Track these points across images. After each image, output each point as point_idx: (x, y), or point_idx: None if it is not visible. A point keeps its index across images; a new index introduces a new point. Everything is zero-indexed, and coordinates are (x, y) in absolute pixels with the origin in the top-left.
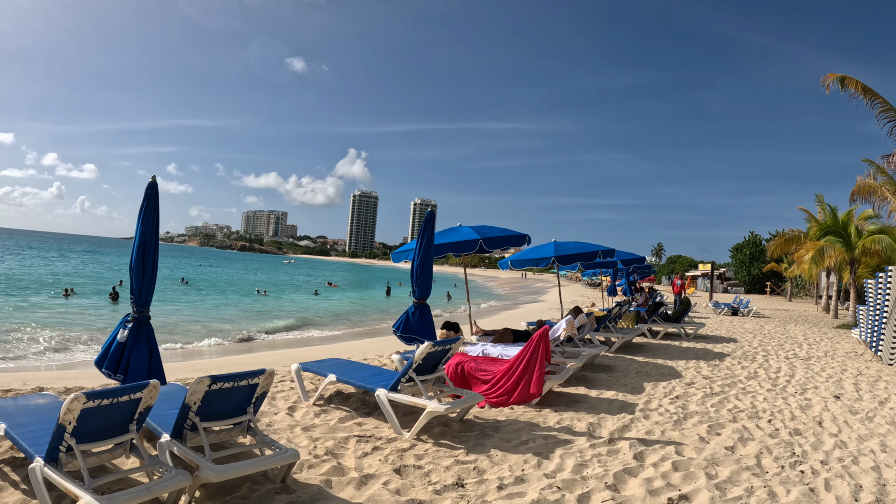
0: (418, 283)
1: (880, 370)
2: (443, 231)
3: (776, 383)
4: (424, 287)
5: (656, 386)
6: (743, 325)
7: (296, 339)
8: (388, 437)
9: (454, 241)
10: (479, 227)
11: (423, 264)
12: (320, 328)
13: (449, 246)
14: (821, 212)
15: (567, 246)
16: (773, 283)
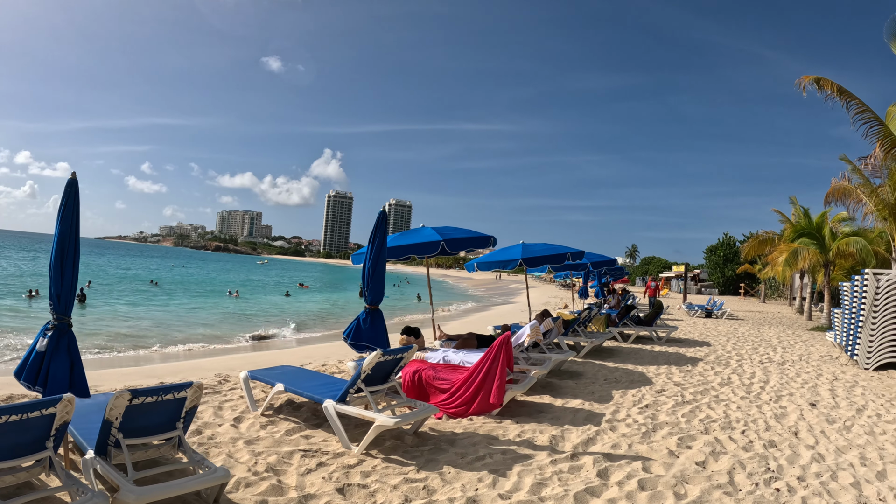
0: (370, 287)
1: (856, 375)
2: (405, 232)
3: (750, 390)
4: (376, 292)
5: (625, 394)
6: (716, 327)
7: (257, 343)
8: (335, 451)
9: (416, 242)
10: (442, 228)
11: (375, 268)
12: (286, 331)
13: (410, 247)
14: (795, 214)
15: (535, 248)
16: (746, 285)
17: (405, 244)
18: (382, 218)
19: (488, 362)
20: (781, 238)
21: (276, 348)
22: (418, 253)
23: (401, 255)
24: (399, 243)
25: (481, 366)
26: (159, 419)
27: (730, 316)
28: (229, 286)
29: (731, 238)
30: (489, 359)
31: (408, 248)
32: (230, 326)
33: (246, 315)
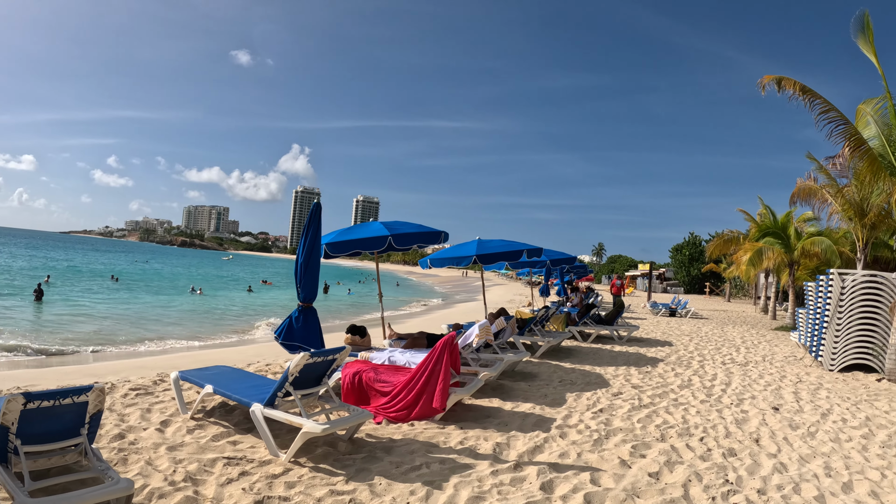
0: (303, 283)
1: (821, 376)
2: (352, 227)
3: (711, 393)
4: (309, 288)
5: (580, 397)
6: (680, 326)
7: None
8: (261, 459)
9: (362, 237)
10: (391, 223)
11: (309, 263)
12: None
13: (356, 243)
14: (760, 213)
15: (490, 244)
16: (712, 284)
17: (351, 239)
18: (316, 210)
19: (431, 364)
20: (746, 237)
21: (227, 346)
22: (364, 248)
23: (347, 250)
24: (345, 238)
25: (424, 368)
26: (61, 425)
27: (694, 315)
28: (193, 282)
29: (696, 237)
30: (432, 360)
31: (353, 243)
32: (189, 324)
33: (207, 312)
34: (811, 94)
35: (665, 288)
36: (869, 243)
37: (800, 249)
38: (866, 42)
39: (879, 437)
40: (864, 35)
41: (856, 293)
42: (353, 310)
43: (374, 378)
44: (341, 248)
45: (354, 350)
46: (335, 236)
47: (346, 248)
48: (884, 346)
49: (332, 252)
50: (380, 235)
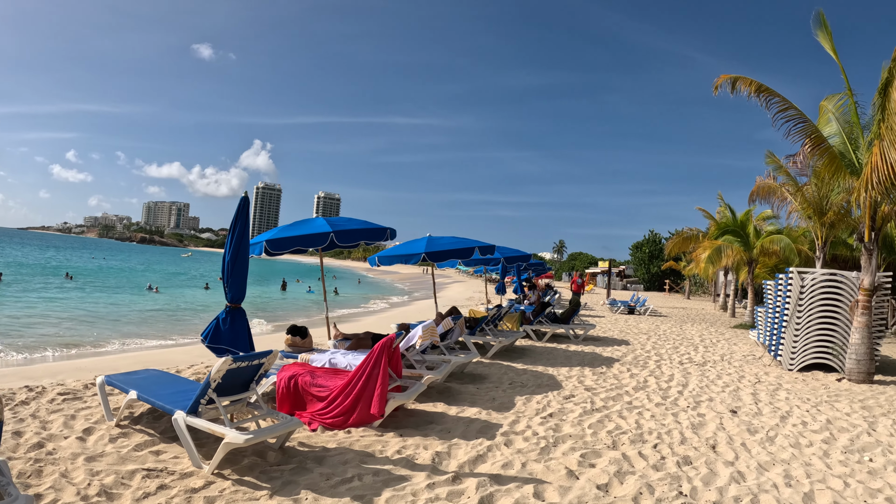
0: (230, 282)
1: (780, 376)
2: (294, 223)
3: (667, 395)
4: (237, 288)
5: (529, 400)
6: (638, 324)
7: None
8: (183, 471)
9: (304, 234)
10: (335, 219)
11: (236, 261)
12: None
13: (298, 239)
14: (719, 211)
15: (441, 241)
16: (671, 281)
17: (292, 236)
18: (244, 204)
19: (368, 368)
20: (706, 236)
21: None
22: (306, 245)
23: (288, 247)
24: (286, 235)
25: (361, 372)
26: None
27: (653, 312)
28: (150, 280)
29: (656, 235)
30: (369, 364)
31: (295, 240)
32: (141, 323)
33: (161, 310)
34: (768, 92)
35: (625, 285)
36: (828, 242)
37: (759, 247)
38: (826, 37)
39: (841, 442)
40: (824, 31)
41: (815, 292)
42: (318, 308)
43: (311, 382)
44: (282, 245)
45: (295, 351)
46: (276, 233)
47: (287, 245)
48: (843, 346)
49: (273, 249)
50: (321, 232)
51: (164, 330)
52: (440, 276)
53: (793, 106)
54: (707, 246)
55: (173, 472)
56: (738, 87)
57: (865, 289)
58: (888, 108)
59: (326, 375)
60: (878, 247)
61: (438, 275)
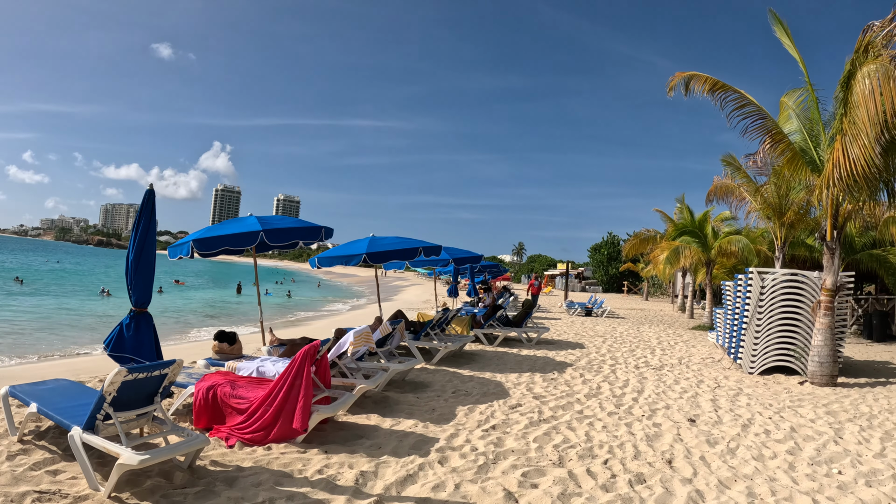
0: (134, 284)
1: (740, 380)
2: (225, 222)
3: (621, 402)
4: (142, 290)
5: (472, 411)
6: (595, 326)
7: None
8: (78, 493)
9: (232, 233)
10: (268, 218)
11: (140, 259)
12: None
13: (226, 239)
14: (677, 212)
15: (383, 242)
16: (630, 283)
17: (219, 235)
18: (148, 198)
19: (290, 377)
20: (664, 237)
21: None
22: (235, 245)
23: (216, 247)
24: (214, 234)
25: (282, 382)
26: None
27: (610, 314)
28: (104, 284)
29: (615, 237)
30: (291, 373)
31: (223, 239)
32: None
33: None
34: (723, 88)
35: (584, 287)
36: (787, 242)
37: (717, 248)
38: (783, 32)
39: (807, 452)
40: (780, 26)
41: (776, 293)
42: (281, 311)
43: (230, 393)
44: (210, 245)
45: (222, 359)
46: (204, 232)
47: (216, 245)
48: (805, 348)
49: (201, 250)
50: (251, 231)
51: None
52: (398, 279)
53: (751, 101)
54: (665, 247)
55: (67, 494)
56: (692, 88)
57: (828, 289)
58: (850, 102)
59: (249, 386)
60: (840, 246)
61: (396, 277)
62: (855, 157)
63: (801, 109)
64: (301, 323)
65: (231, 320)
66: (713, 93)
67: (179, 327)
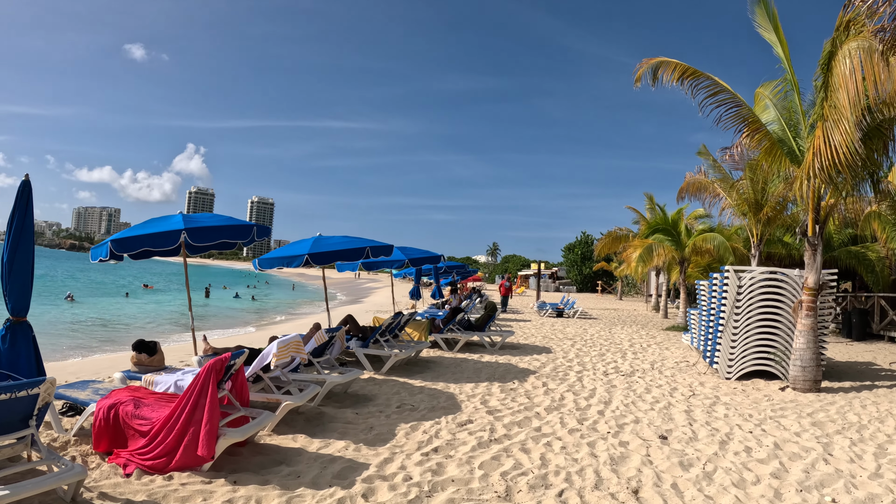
0: (8, 289)
1: (717, 387)
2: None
3: (585, 416)
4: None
5: (415, 429)
6: (565, 328)
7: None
8: None
9: (152, 232)
10: (194, 216)
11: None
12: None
13: (145, 239)
14: (649, 210)
15: (328, 241)
16: (604, 282)
17: (138, 235)
18: (23, 190)
19: (194, 396)
20: (637, 235)
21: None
22: (156, 245)
23: (135, 248)
24: (133, 234)
25: (185, 401)
26: None
27: (582, 314)
28: (70, 289)
29: (588, 236)
30: (194, 392)
31: (142, 239)
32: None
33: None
34: (694, 75)
35: (558, 287)
36: (764, 239)
37: (691, 246)
38: (765, 16)
39: (794, 475)
40: (763, 10)
41: (754, 292)
42: (255, 316)
43: (132, 413)
44: (129, 245)
45: (141, 371)
46: (124, 232)
47: (136, 246)
48: (786, 351)
49: (119, 250)
50: (172, 230)
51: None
52: (371, 281)
53: (725, 88)
54: (637, 245)
55: None
56: (660, 77)
57: (810, 288)
58: (831, 84)
59: (155, 404)
60: (822, 242)
61: (370, 279)
62: (837, 143)
63: (779, 99)
64: (265, 327)
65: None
66: (683, 80)
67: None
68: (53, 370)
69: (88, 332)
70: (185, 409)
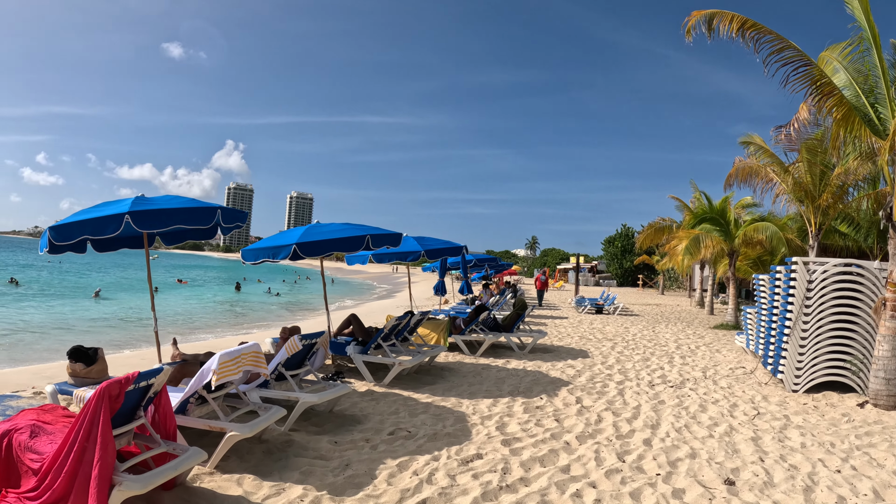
0: None
1: (783, 402)
2: (98, 205)
3: (627, 447)
4: None
5: (404, 468)
6: (604, 327)
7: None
8: None
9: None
10: (148, 199)
11: None
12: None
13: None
14: (694, 199)
15: (320, 230)
16: (645, 276)
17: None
18: None
19: (82, 431)
20: (680, 226)
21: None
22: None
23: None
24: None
25: (74, 435)
26: None
27: (623, 311)
28: (100, 285)
29: (629, 229)
30: (83, 424)
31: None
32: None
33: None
34: (756, 28)
35: (598, 281)
36: (822, 228)
37: (741, 237)
38: None
39: None
40: None
41: (827, 289)
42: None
43: (25, 444)
44: (66, 233)
45: (78, 383)
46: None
47: (75, 233)
48: (865, 359)
49: (58, 239)
50: (112, 214)
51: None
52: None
53: (791, 45)
54: (683, 236)
55: None
56: (716, 28)
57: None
58: None
59: (59, 433)
60: None
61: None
62: None
63: (851, 61)
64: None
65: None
66: (744, 32)
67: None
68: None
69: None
70: (74, 446)
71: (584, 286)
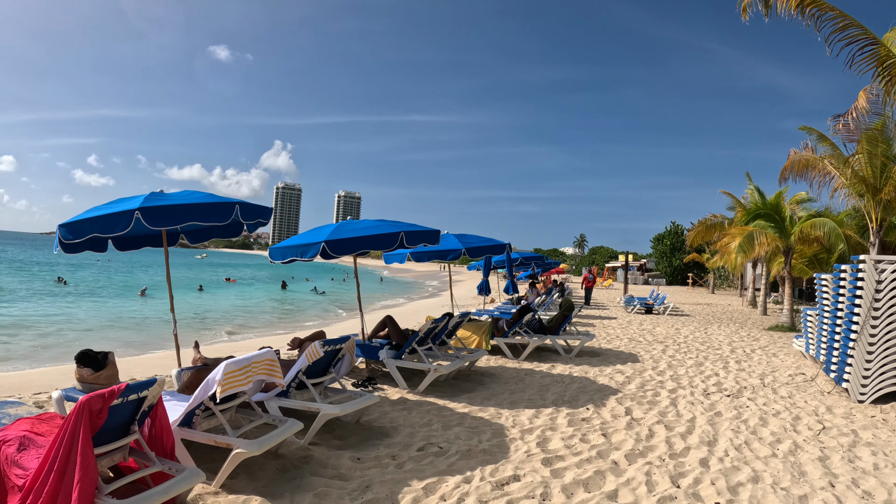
0: None
1: (850, 414)
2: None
3: (682, 468)
4: None
5: (430, 492)
6: (654, 328)
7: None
8: None
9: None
10: (164, 195)
11: None
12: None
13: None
14: (746, 195)
15: (351, 227)
16: (695, 275)
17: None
18: None
19: (63, 447)
20: (732, 222)
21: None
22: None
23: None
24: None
25: (55, 451)
26: None
27: (674, 310)
28: (147, 284)
29: (678, 226)
30: (64, 440)
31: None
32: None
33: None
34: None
35: (647, 279)
36: (884, 224)
37: (797, 234)
38: None
39: None
40: None
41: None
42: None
43: (11, 457)
44: (77, 230)
45: (85, 389)
46: (77, 216)
47: (84, 231)
48: None
49: (67, 237)
50: (123, 211)
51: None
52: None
53: (855, 22)
54: (736, 233)
55: None
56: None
57: None
58: None
59: (46, 448)
60: None
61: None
62: None
63: None
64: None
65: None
66: (803, 10)
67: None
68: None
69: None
70: (55, 464)
71: (632, 284)
